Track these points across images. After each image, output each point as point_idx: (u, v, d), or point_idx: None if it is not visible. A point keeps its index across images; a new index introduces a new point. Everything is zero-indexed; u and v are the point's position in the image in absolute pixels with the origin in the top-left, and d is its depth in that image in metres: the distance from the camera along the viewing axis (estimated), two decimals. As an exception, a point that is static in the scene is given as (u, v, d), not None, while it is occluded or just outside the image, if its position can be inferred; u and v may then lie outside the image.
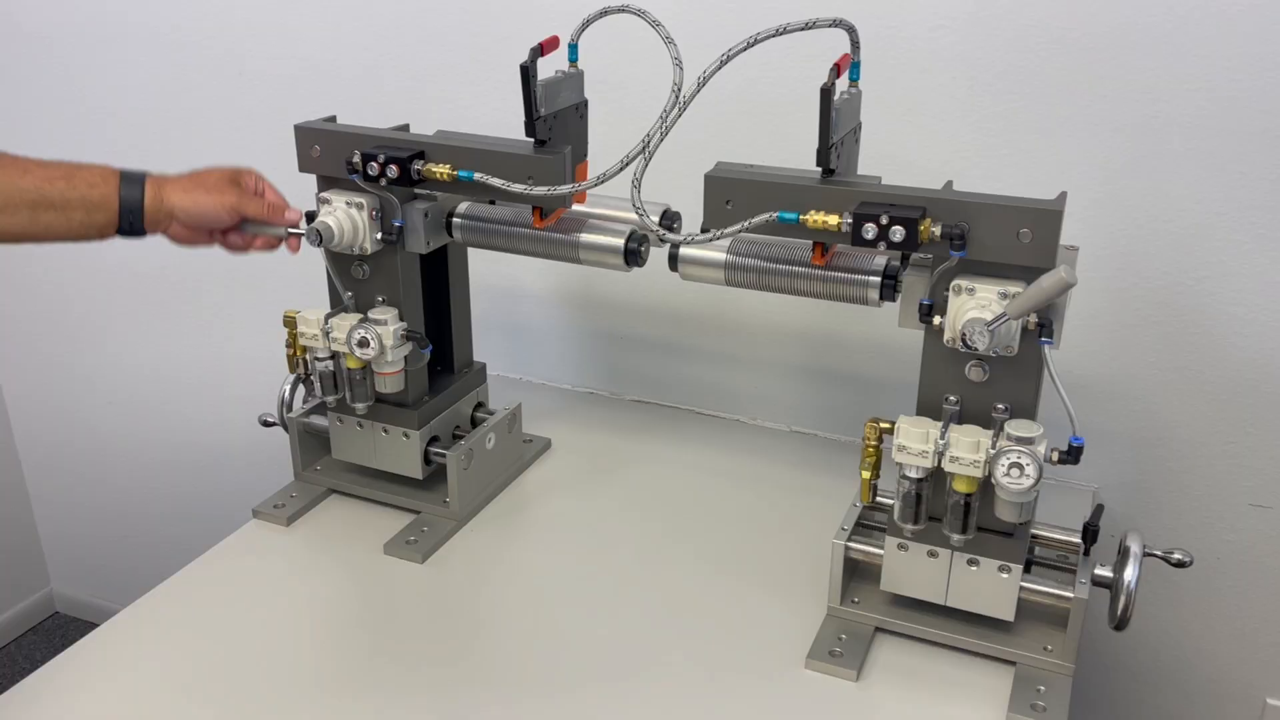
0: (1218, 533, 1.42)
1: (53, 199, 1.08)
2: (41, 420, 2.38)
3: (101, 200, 1.10)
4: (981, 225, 0.95)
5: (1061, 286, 0.89)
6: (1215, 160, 1.26)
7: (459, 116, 1.62)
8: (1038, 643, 1.08)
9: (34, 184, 1.07)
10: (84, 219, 1.10)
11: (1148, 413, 1.40)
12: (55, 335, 2.23)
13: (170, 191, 1.13)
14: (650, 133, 1.02)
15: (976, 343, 0.94)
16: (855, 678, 1.07)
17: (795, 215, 0.99)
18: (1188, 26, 1.22)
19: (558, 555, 1.28)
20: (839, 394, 1.57)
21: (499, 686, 1.07)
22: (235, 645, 1.13)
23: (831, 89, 0.96)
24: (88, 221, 1.10)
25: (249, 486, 2.11)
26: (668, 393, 1.66)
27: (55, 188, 1.08)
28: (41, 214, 1.08)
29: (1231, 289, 1.31)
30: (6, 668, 2.46)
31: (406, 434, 1.30)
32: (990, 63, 1.32)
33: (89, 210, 1.10)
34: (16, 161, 1.08)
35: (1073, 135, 1.31)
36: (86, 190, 1.09)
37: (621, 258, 1.20)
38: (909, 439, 1.00)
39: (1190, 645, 1.49)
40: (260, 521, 1.34)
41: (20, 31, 1.94)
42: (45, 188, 1.07)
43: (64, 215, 1.09)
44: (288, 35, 1.72)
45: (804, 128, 1.42)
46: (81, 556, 2.53)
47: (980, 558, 1.06)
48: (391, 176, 1.14)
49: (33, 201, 1.07)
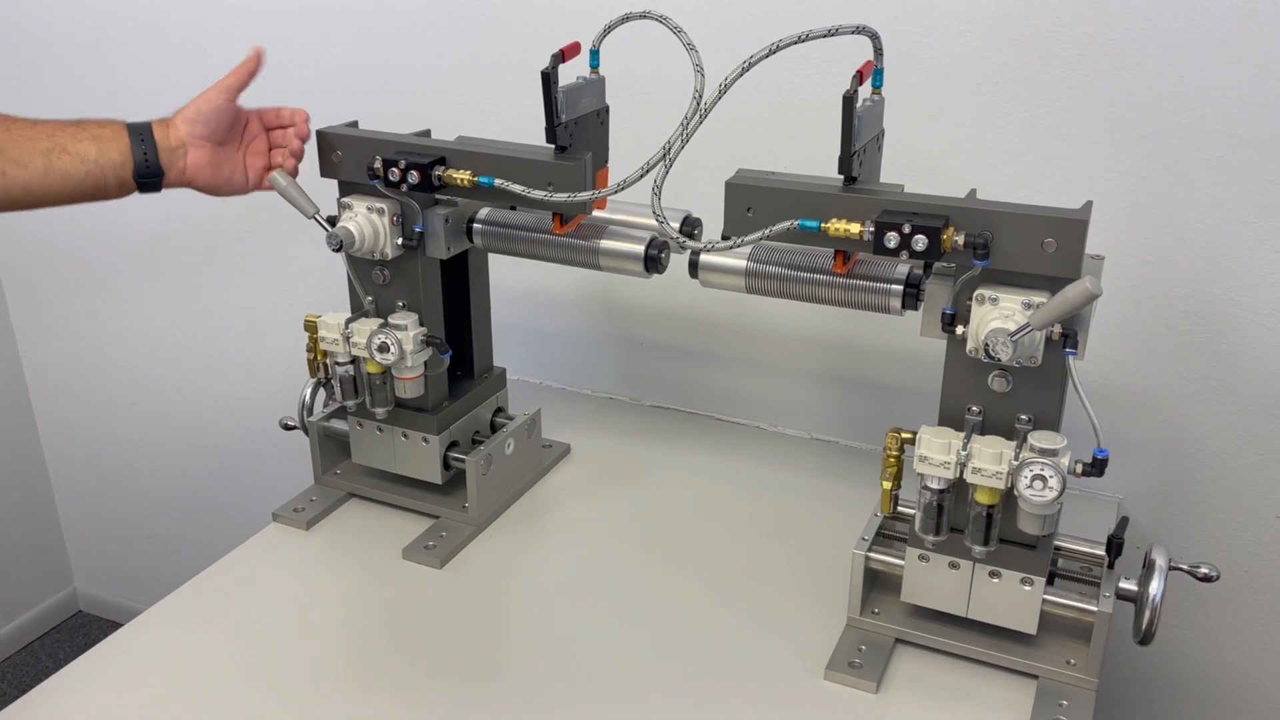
0: (1244, 545, 1.40)
1: (64, 143, 1.11)
2: (66, 422, 2.40)
3: (113, 135, 1.13)
4: (1005, 234, 0.94)
5: (1086, 297, 0.88)
6: (1243, 168, 1.25)
7: (479, 122, 1.62)
8: (1060, 656, 1.07)
9: (46, 132, 1.11)
10: (97, 155, 1.12)
11: (1174, 423, 1.38)
12: (79, 337, 2.25)
13: (175, 116, 1.17)
14: (671, 140, 1.01)
15: (1000, 353, 0.93)
16: (875, 689, 1.06)
17: (817, 223, 0.98)
18: (1214, 33, 1.21)
19: (576, 561, 1.27)
20: (860, 401, 1.56)
21: (516, 692, 1.07)
22: (255, 647, 1.13)
23: (854, 96, 0.95)
24: (102, 160, 1.12)
25: (269, 489, 2.12)
26: (687, 399, 1.66)
27: (66, 131, 1.12)
28: (55, 159, 1.10)
29: (1259, 298, 1.29)
30: (30, 666, 2.49)
31: (426, 439, 1.30)
32: (1014, 69, 1.31)
33: (101, 146, 1.12)
34: (24, 118, 1.12)
35: (1098, 142, 1.30)
36: (96, 129, 1.13)
37: (641, 264, 1.20)
38: (931, 450, 0.99)
39: (1215, 659, 1.47)
40: (280, 525, 1.34)
41: (30, 35, 1.96)
42: (56, 133, 1.11)
43: (77, 159, 1.11)
44: (308, 41, 1.73)
45: (824, 134, 1.41)
46: (105, 556, 2.55)
47: (1002, 570, 1.05)
48: (413, 182, 1.14)
49: (45, 149, 1.10)
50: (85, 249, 2.14)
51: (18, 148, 1.09)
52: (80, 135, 1.12)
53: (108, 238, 2.10)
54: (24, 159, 1.09)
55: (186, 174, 1.18)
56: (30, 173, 1.09)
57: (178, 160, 1.17)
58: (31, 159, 1.10)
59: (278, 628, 1.16)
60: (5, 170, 1.09)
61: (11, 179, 1.09)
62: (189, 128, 1.17)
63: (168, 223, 1.99)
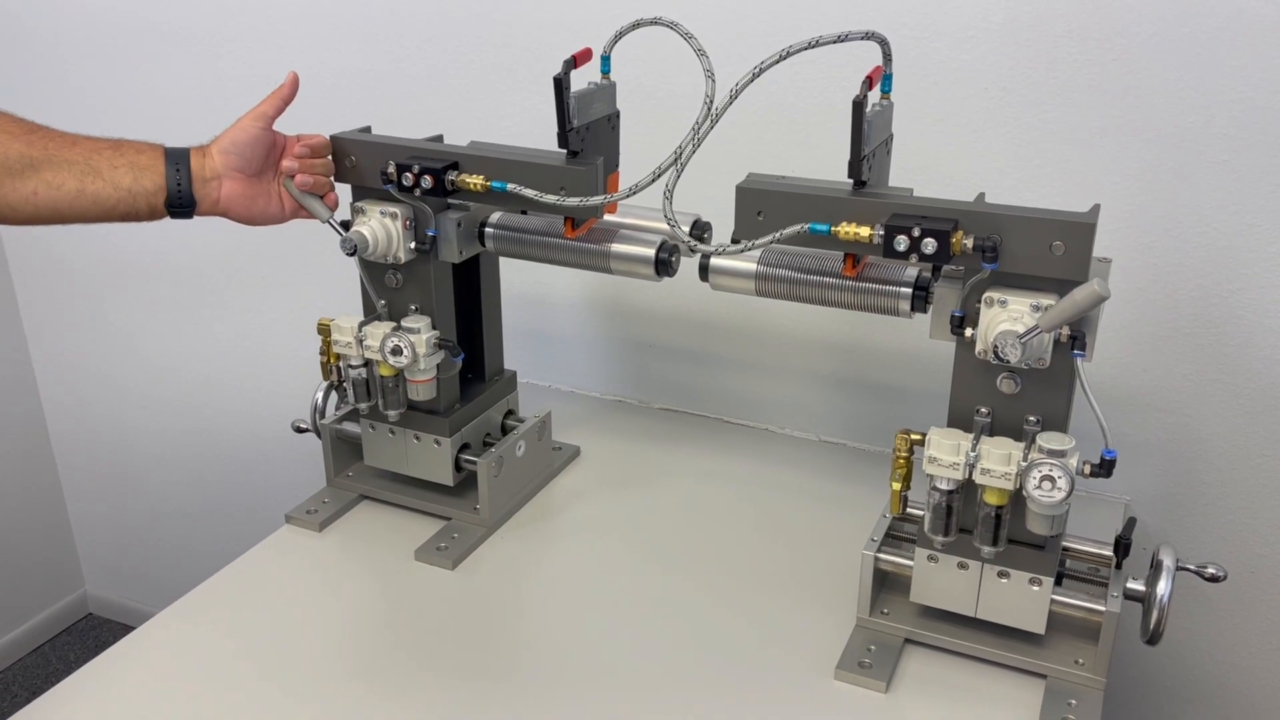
0: (1251, 546, 1.40)
1: (99, 167, 1.10)
2: (77, 424, 2.41)
3: (149, 163, 1.12)
4: (1014, 238, 0.95)
5: (1094, 300, 0.89)
6: (1249, 171, 1.25)
7: (489, 128, 1.64)
8: (1068, 656, 1.08)
9: (83, 154, 1.09)
10: (131, 184, 1.11)
11: (1180, 425, 1.39)
12: (90, 340, 2.26)
13: (211, 145, 1.16)
14: (682, 144, 1.02)
15: (1009, 355, 0.94)
16: (885, 689, 1.07)
17: (827, 226, 0.99)
18: (1220, 38, 1.22)
19: (588, 562, 1.28)
20: (867, 403, 1.57)
21: (528, 693, 1.08)
22: (269, 648, 1.14)
23: (864, 101, 0.96)
24: (135, 189, 1.11)
25: (281, 491, 2.14)
26: (695, 401, 1.67)
27: (103, 155, 1.10)
28: (89, 183, 1.09)
29: (1266, 300, 1.30)
30: (41, 668, 2.50)
31: (438, 441, 1.31)
32: (1022, 73, 1.31)
33: (136, 174, 1.11)
34: (65, 134, 1.11)
35: (1104, 146, 1.31)
36: (134, 155, 1.12)
37: (652, 268, 1.21)
38: (940, 451, 1.00)
39: (1223, 660, 1.48)
40: (293, 527, 1.35)
41: (50, 40, 1.98)
42: (93, 156, 1.10)
43: (111, 183, 1.10)
44: (320, 46, 1.74)
45: (830, 139, 1.42)
46: (115, 559, 2.56)
47: (1011, 570, 1.06)
48: (426, 187, 1.16)
49: (80, 172, 1.09)
50: (98, 254, 2.16)
51: (53, 169, 1.08)
52: (117, 160, 1.11)
53: (120, 243, 2.12)
54: (57, 181, 1.08)
55: (220, 204, 1.16)
56: (62, 194, 1.09)
57: (212, 192, 1.15)
58: (65, 181, 1.08)
59: (291, 628, 1.17)
60: (37, 191, 1.08)
61: (42, 199, 1.08)
62: (224, 159, 1.15)
63: (180, 227, 2.00)
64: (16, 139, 1.08)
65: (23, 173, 1.08)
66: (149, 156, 1.12)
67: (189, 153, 1.14)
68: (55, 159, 1.09)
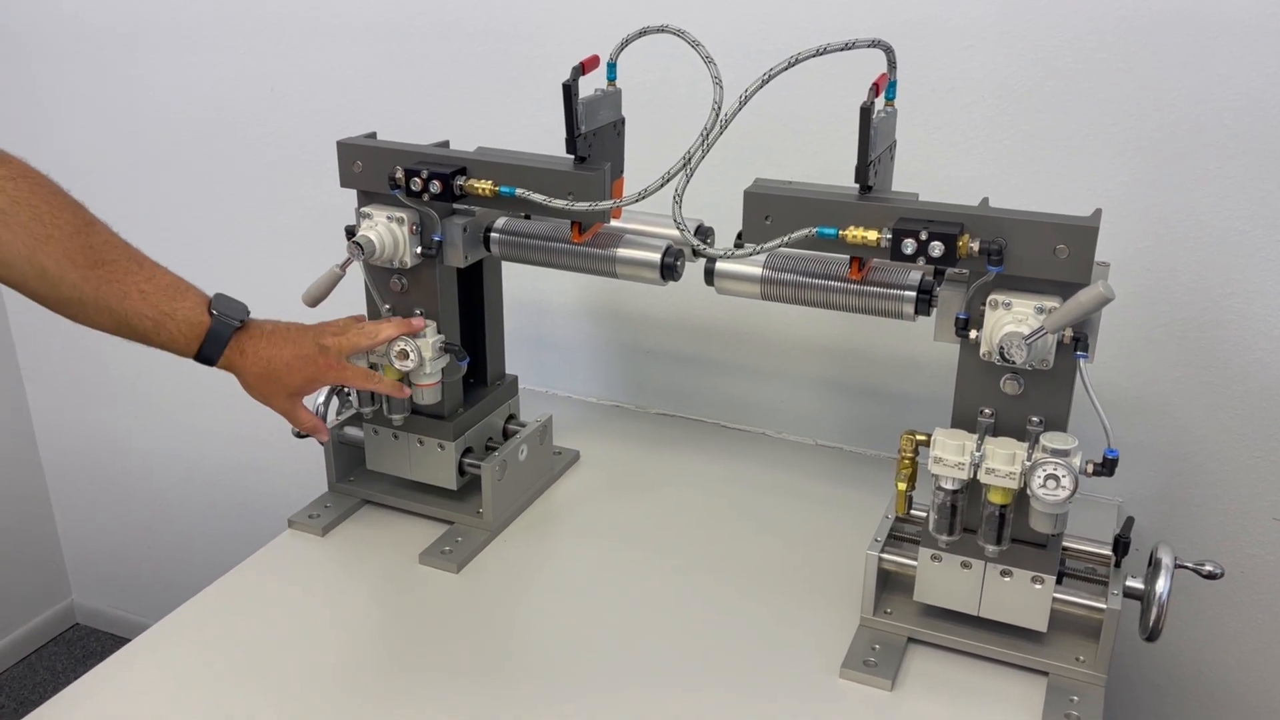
0: (1243, 547, 1.43)
1: (137, 331, 1.12)
2: (65, 430, 2.40)
3: (183, 349, 1.15)
4: (1018, 241, 0.97)
5: (1100, 301, 0.91)
6: (1241, 177, 1.28)
7: (487, 134, 1.64)
8: (1070, 653, 1.09)
9: (125, 314, 1.10)
10: (165, 342, 1.14)
11: (1172, 427, 1.42)
12: (79, 344, 2.25)
13: (249, 350, 1.17)
14: (691, 150, 1.04)
15: (1014, 356, 0.96)
16: (890, 687, 1.08)
17: (835, 230, 1.01)
18: (1213, 46, 1.24)
19: (591, 565, 1.29)
20: (863, 408, 1.59)
21: (534, 695, 1.08)
22: (272, 653, 1.14)
23: (870, 107, 0.98)
24: (167, 344, 1.14)
25: (275, 499, 2.13)
26: (691, 406, 1.68)
27: (142, 325, 1.12)
28: (126, 328, 1.12)
29: (1257, 304, 1.32)
30: (27, 678, 2.48)
31: (441, 445, 1.32)
32: (1019, 81, 1.34)
33: (174, 336, 1.14)
34: (120, 277, 1.10)
35: (1099, 153, 1.33)
36: (167, 341, 1.13)
37: (658, 272, 1.22)
38: (945, 451, 1.02)
39: (1214, 659, 1.50)
40: (295, 531, 1.35)
41: (54, 42, 1.97)
42: (134, 322, 1.11)
43: (143, 334, 1.12)
44: (325, 52, 1.75)
45: (828, 145, 1.44)
46: (103, 568, 2.54)
47: (1013, 569, 1.07)
48: (434, 192, 1.16)
49: (118, 324, 1.11)
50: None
51: (97, 311, 1.10)
52: (152, 336, 1.12)
53: (111, 249, 2.11)
54: (97, 320, 1.10)
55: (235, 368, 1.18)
56: (93, 324, 1.11)
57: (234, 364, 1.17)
58: (104, 322, 1.11)
59: (295, 632, 1.17)
60: (75, 316, 1.10)
61: (75, 317, 1.11)
62: (257, 383, 1.18)
63: (172, 232, 2.00)
64: (76, 267, 1.07)
65: (67, 305, 1.09)
66: (181, 346, 1.14)
67: (232, 336, 1.15)
68: (101, 309, 1.09)
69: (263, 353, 1.17)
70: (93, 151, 2.02)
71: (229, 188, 1.95)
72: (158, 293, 1.12)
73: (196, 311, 1.14)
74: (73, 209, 1.08)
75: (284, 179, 1.89)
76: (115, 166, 2.00)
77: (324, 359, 1.19)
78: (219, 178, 1.95)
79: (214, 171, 1.95)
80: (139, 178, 2.01)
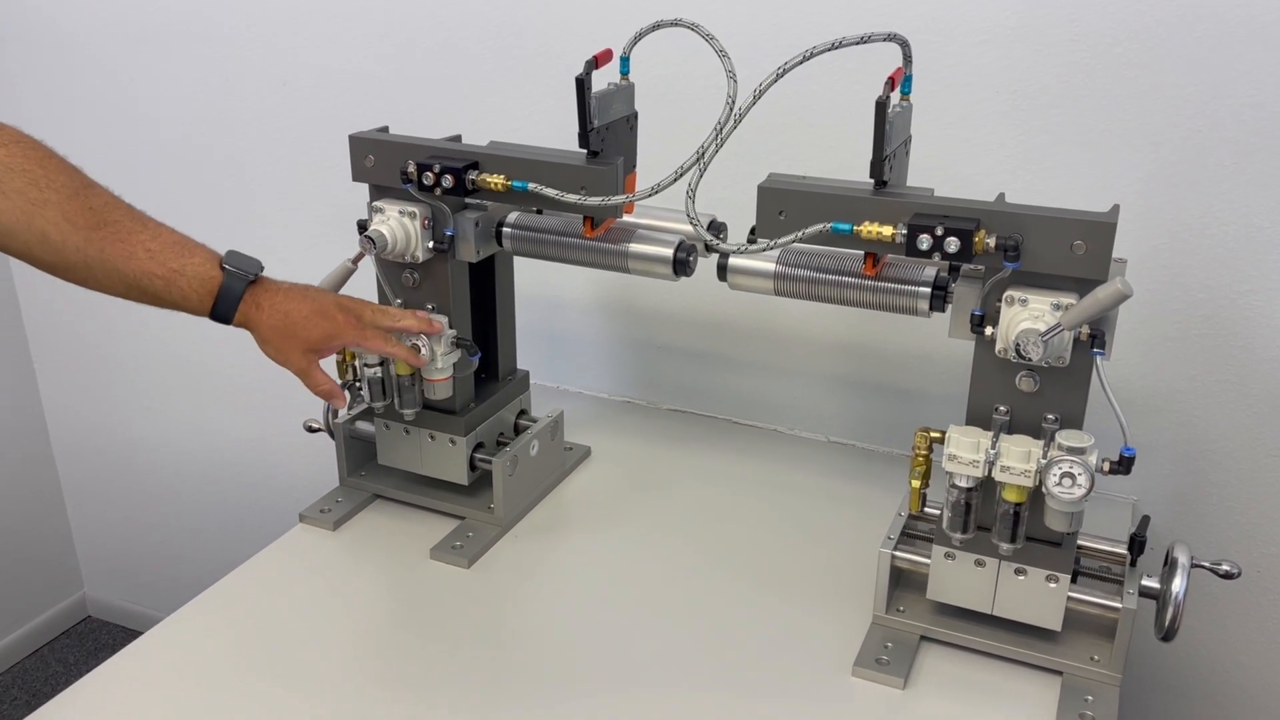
0: (1259, 546, 1.42)
1: (147, 292, 1.09)
2: (78, 424, 2.41)
3: (196, 307, 1.12)
4: (1035, 237, 0.96)
5: (1117, 298, 0.90)
6: (1259, 174, 1.27)
7: (498, 129, 1.64)
8: (1084, 653, 1.09)
9: (133, 274, 1.07)
10: (178, 301, 1.11)
11: (1189, 425, 1.40)
12: (91, 339, 2.26)
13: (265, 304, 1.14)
14: (705, 144, 1.03)
15: (1030, 353, 0.95)
16: (903, 685, 1.07)
17: (849, 226, 1.00)
18: (1230, 42, 1.23)
19: (602, 561, 1.29)
20: (876, 405, 1.58)
21: (545, 691, 1.08)
22: (283, 647, 1.14)
23: (886, 102, 0.97)
24: (180, 303, 1.11)
25: (285, 493, 2.14)
26: (703, 402, 1.68)
27: (152, 285, 1.08)
28: (135, 296, 1.10)
29: (1275, 302, 1.31)
30: (40, 671, 2.49)
31: (453, 440, 1.32)
32: (1034, 77, 1.33)
33: (180, 306, 1.11)
34: (124, 237, 1.07)
35: (1115, 149, 1.32)
36: (179, 299, 1.10)
37: (670, 268, 1.22)
38: (960, 448, 1.01)
39: (1230, 659, 1.49)
40: (307, 526, 1.35)
41: (67, 35, 1.98)
42: (143, 282, 1.08)
43: (154, 295, 1.10)
44: (337, 46, 1.75)
45: (844, 139, 1.43)
46: (115, 561, 2.55)
47: (1028, 567, 1.07)
48: (446, 186, 1.16)
49: (128, 286, 1.08)
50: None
51: (106, 276, 1.07)
52: (163, 294, 1.09)
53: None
54: (106, 283, 1.07)
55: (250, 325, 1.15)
56: (101, 288, 1.09)
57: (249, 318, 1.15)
58: (114, 286, 1.08)
59: (306, 627, 1.17)
60: (84, 281, 1.08)
61: (84, 282, 1.09)
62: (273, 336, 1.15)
63: (185, 227, 2.00)
64: (78, 230, 1.04)
65: (73, 270, 1.06)
66: (194, 304, 1.11)
67: (244, 294, 1.12)
68: (109, 273, 1.07)
69: (280, 306, 1.14)
70: (106, 148, 2.02)
71: (242, 181, 1.95)
72: (165, 250, 1.08)
73: (208, 266, 1.10)
74: (69, 172, 1.05)
75: (296, 173, 1.89)
76: (129, 162, 2.01)
77: (344, 316, 1.16)
78: (232, 171, 1.95)
79: (227, 165, 1.95)
80: (152, 173, 2.01)
